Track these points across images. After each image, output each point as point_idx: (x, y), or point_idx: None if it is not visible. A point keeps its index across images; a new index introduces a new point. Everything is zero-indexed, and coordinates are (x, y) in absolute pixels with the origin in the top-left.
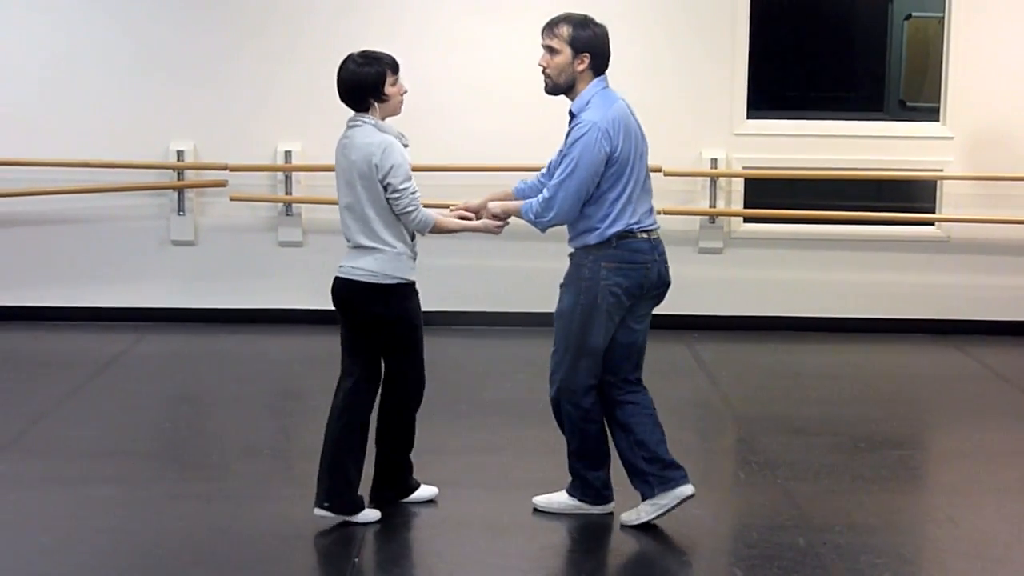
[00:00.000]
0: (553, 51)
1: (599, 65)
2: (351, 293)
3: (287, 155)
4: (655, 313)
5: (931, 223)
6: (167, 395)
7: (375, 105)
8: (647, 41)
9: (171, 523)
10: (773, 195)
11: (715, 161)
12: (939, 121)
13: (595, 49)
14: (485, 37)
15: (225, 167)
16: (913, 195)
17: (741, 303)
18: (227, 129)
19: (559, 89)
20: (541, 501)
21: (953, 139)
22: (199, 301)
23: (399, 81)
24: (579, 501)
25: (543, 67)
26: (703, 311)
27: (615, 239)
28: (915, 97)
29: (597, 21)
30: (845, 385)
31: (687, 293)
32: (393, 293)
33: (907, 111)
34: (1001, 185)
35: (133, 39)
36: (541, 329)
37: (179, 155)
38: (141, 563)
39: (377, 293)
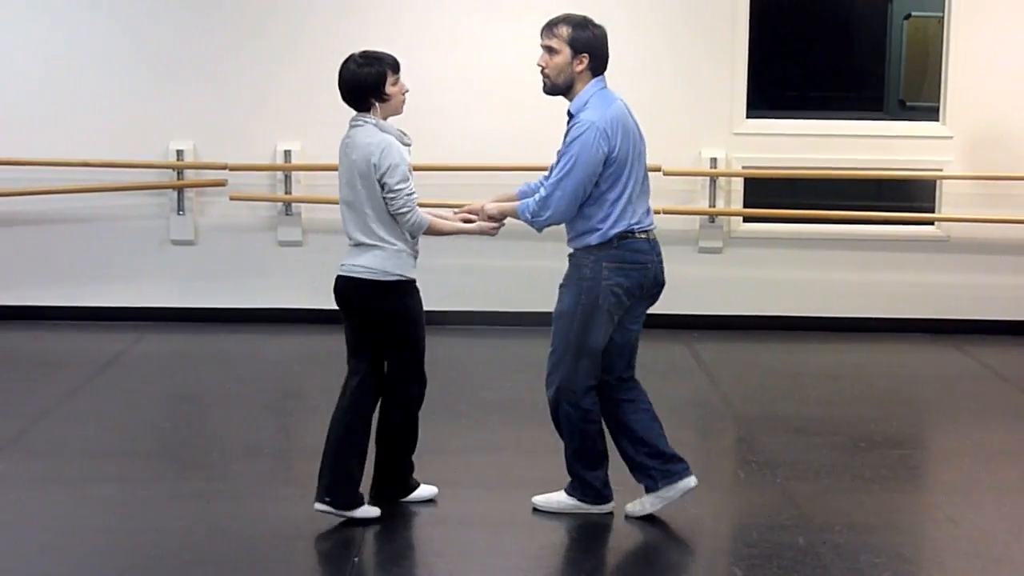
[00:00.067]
0: (552, 51)
1: (598, 66)
2: (352, 290)
3: (287, 155)
4: (656, 313)
5: (931, 223)
6: (167, 395)
7: (376, 105)
8: (647, 41)
9: (171, 523)
10: (773, 195)
11: (715, 161)
12: (939, 121)
13: (594, 50)
14: (485, 37)
15: (225, 167)
16: (913, 195)
17: (741, 303)
18: (227, 129)
19: (557, 89)
20: (541, 501)
21: (953, 139)
22: (199, 301)
23: (400, 80)
24: (578, 501)
25: (542, 67)
26: (703, 311)
27: (616, 239)
28: (915, 97)
29: (596, 22)
30: (845, 384)
31: (687, 293)
32: (393, 290)
33: (907, 111)
34: (1001, 185)
35: (133, 39)
36: (541, 328)
37: (179, 154)
38: (141, 563)
39: (377, 290)
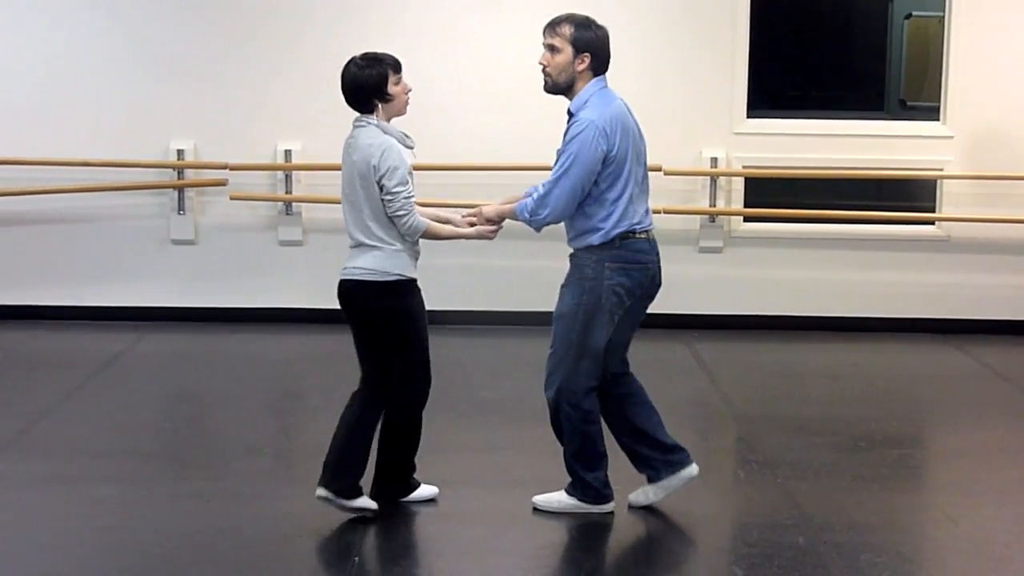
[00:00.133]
0: (554, 50)
1: (599, 66)
2: (353, 292)
3: (287, 154)
4: (656, 312)
5: (931, 222)
6: (167, 394)
7: (380, 106)
8: (647, 41)
9: (171, 522)
10: (773, 194)
11: (715, 160)
12: (939, 120)
13: (596, 50)
14: (485, 37)
15: (225, 166)
16: (913, 194)
17: (741, 302)
18: (227, 128)
19: (558, 88)
20: (541, 500)
21: (953, 138)
22: (199, 300)
23: (402, 80)
24: (579, 501)
25: (543, 65)
26: (703, 310)
27: (618, 239)
28: (915, 96)
29: (599, 23)
30: (845, 384)
31: (687, 292)
32: (393, 289)
33: (907, 110)
34: (1001, 184)
35: (133, 39)
36: (541, 328)
37: (179, 154)
38: (141, 562)
39: (376, 290)
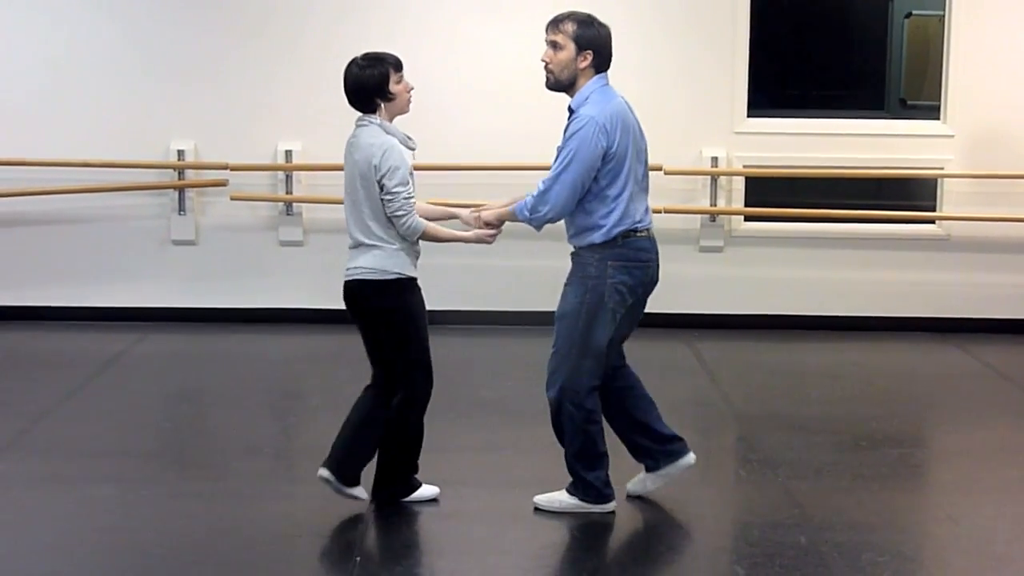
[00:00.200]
0: (557, 47)
1: (601, 63)
2: (355, 292)
3: (287, 154)
4: (657, 312)
5: (931, 221)
6: (168, 394)
7: (382, 105)
8: (647, 40)
9: (172, 522)
10: (774, 193)
11: (716, 160)
12: (939, 119)
13: (598, 47)
14: (485, 37)
15: (226, 167)
16: (913, 193)
17: (742, 302)
18: (228, 129)
19: (560, 85)
20: (542, 500)
21: (953, 137)
22: (200, 301)
23: (404, 79)
24: (580, 501)
25: (546, 62)
26: (704, 310)
27: (620, 238)
28: (915, 95)
29: (601, 21)
30: (846, 383)
31: (688, 292)
32: (392, 288)
33: (907, 109)
34: (1001, 183)
35: (134, 39)
36: (541, 328)
37: (180, 154)
38: (141, 562)
39: (376, 289)
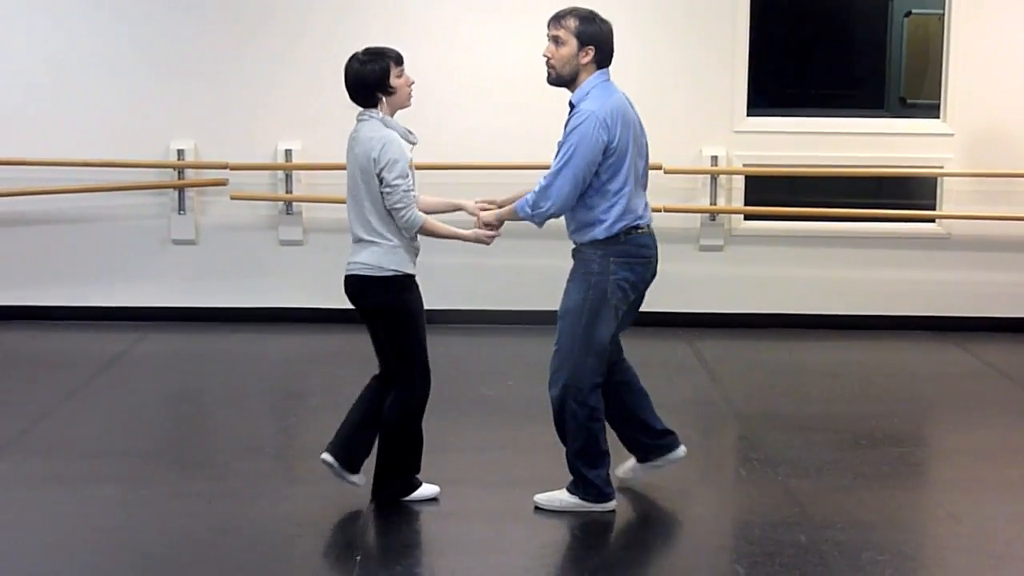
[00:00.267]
0: (559, 42)
1: (602, 59)
2: (354, 287)
3: (287, 154)
4: (657, 311)
5: (931, 220)
6: (168, 394)
7: (383, 99)
8: (647, 39)
9: (172, 522)
10: (773, 192)
11: (715, 158)
12: (939, 118)
13: (600, 43)
14: (485, 37)
15: (226, 166)
16: (914, 192)
17: (742, 300)
18: (227, 128)
19: (562, 80)
20: (542, 499)
21: (953, 136)
22: (200, 300)
23: (405, 72)
24: (580, 499)
25: (548, 57)
26: (704, 309)
27: (623, 234)
28: (915, 94)
29: (603, 17)
30: (846, 382)
31: (688, 291)
32: (390, 284)
33: (907, 108)
34: (1001, 182)
35: (134, 39)
36: (541, 327)
37: (180, 154)
38: (142, 562)
39: (374, 285)
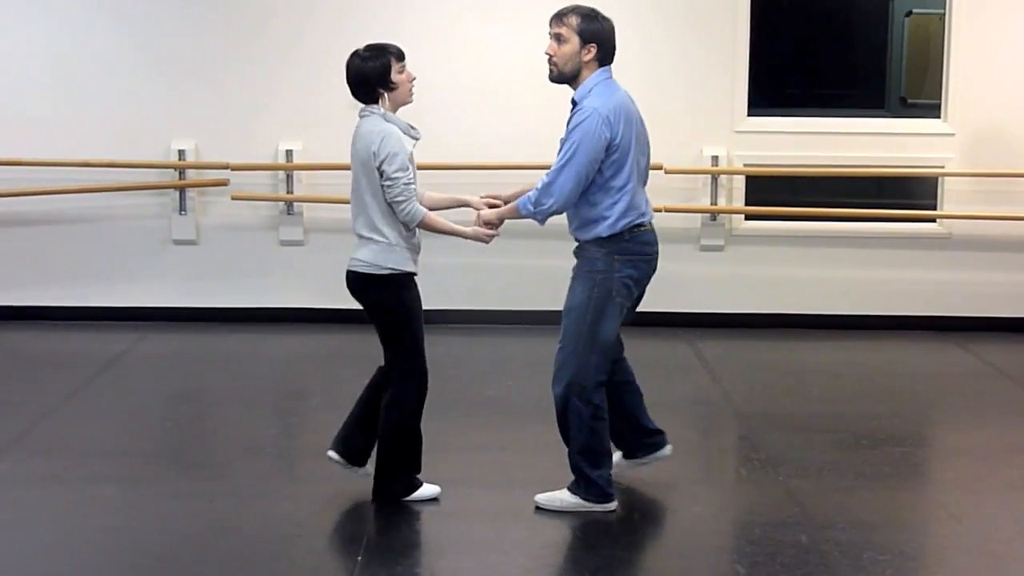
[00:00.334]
0: (561, 39)
1: (604, 57)
2: (354, 284)
3: (288, 154)
4: (658, 311)
5: (932, 220)
6: (169, 394)
7: (385, 95)
8: (648, 39)
9: (173, 522)
10: (774, 192)
11: (716, 158)
12: (940, 118)
13: (602, 41)
14: (485, 37)
15: (226, 166)
16: (914, 192)
17: (742, 300)
18: (228, 128)
19: (564, 78)
20: (543, 499)
21: (954, 136)
22: (201, 300)
23: (406, 68)
24: (582, 499)
25: (550, 55)
26: (704, 308)
27: (627, 232)
28: (916, 94)
29: (604, 15)
30: (847, 382)
31: (688, 291)
32: (387, 282)
33: (908, 108)
34: (1002, 181)
35: (135, 39)
36: (542, 327)
37: (180, 154)
38: (143, 562)
39: (372, 282)
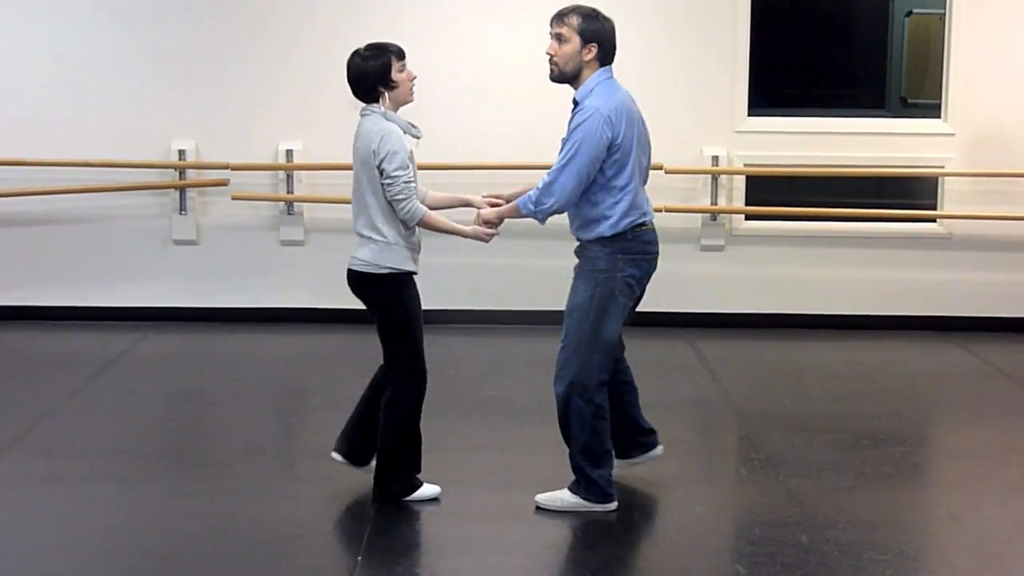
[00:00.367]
0: (562, 39)
1: (605, 56)
2: (354, 283)
3: (288, 154)
4: (658, 311)
5: (932, 220)
6: (169, 394)
7: (385, 94)
8: (648, 39)
9: (173, 522)
10: (774, 192)
11: (716, 158)
12: (940, 118)
13: (603, 40)
14: (485, 37)
15: (226, 166)
16: (914, 192)
17: (743, 300)
18: (228, 128)
19: (564, 77)
20: (543, 499)
21: (954, 136)
22: (201, 300)
23: (407, 67)
24: (582, 499)
25: (551, 55)
26: (705, 308)
27: (630, 231)
28: (916, 94)
29: (605, 15)
30: (847, 382)
31: (689, 291)
32: (386, 281)
33: (908, 108)
34: (1002, 181)
35: (135, 39)
36: (542, 327)
37: (181, 154)
38: (143, 562)
39: (370, 281)
